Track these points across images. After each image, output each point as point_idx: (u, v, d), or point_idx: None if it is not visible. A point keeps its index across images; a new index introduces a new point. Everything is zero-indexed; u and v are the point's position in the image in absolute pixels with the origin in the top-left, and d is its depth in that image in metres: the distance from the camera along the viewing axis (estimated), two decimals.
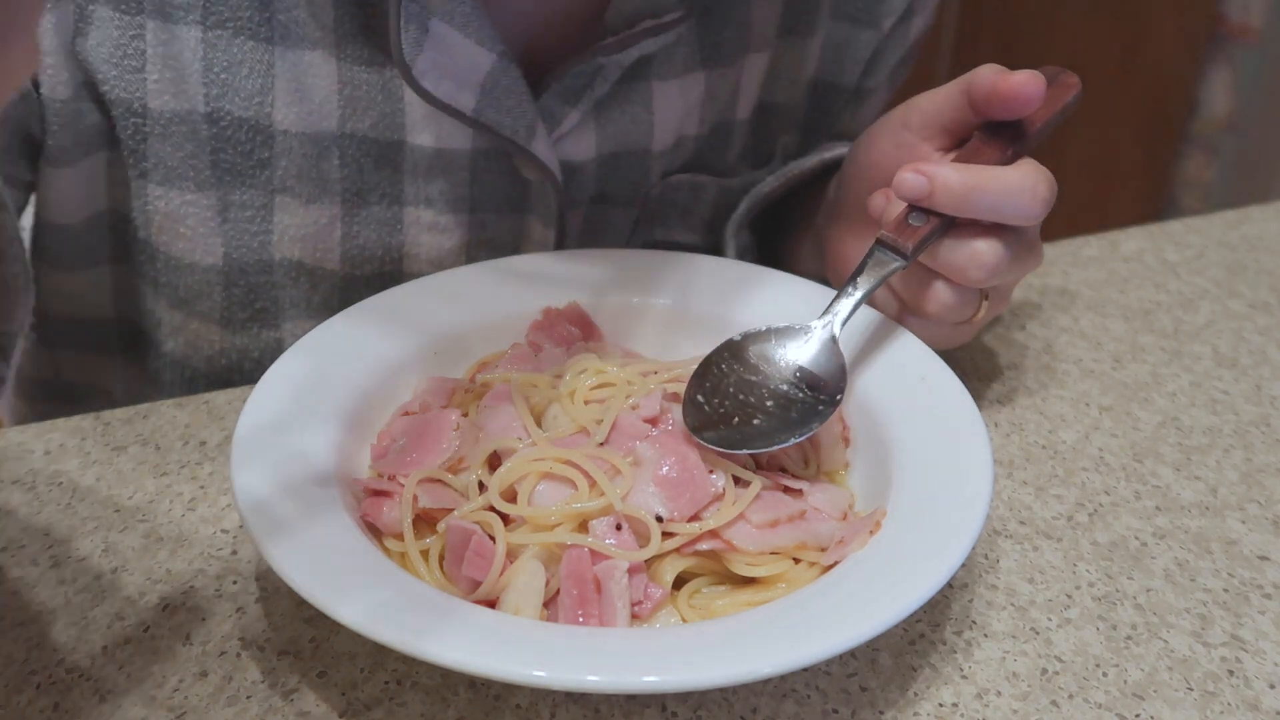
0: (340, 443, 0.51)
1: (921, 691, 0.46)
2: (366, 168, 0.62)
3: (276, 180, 0.61)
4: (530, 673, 0.38)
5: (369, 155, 0.61)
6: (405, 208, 0.63)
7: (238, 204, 0.61)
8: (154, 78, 0.58)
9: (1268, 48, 2.19)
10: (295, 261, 0.64)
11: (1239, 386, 0.67)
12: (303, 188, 0.61)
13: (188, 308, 0.66)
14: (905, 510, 0.47)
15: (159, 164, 0.60)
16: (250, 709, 0.44)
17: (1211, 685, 0.47)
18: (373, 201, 0.62)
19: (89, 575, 0.50)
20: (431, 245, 0.64)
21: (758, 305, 0.61)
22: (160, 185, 0.61)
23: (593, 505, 0.46)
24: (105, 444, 0.58)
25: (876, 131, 0.61)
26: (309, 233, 0.63)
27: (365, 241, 0.63)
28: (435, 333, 0.59)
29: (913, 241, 0.53)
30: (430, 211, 0.63)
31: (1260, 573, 0.53)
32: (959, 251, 0.53)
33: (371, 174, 0.62)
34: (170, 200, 0.61)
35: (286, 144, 0.60)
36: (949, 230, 0.54)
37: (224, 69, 0.59)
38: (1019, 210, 0.53)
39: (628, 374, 0.54)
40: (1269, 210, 0.90)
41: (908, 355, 0.56)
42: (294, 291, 0.65)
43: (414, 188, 0.62)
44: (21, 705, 0.44)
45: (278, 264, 0.64)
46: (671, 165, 0.68)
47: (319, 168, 0.61)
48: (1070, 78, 0.60)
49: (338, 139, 0.61)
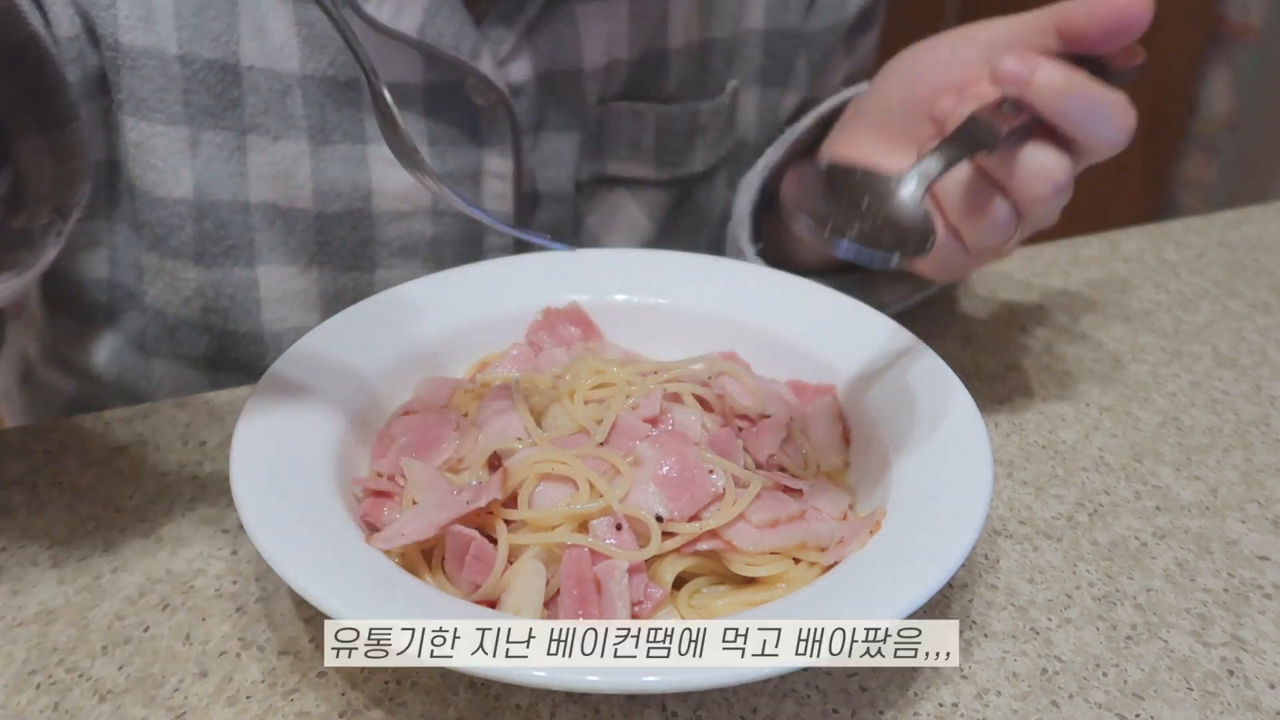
0: (340, 443, 0.51)
1: (921, 691, 0.46)
2: (328, 107, 0.64)
3: (247, 119, 0.63)
4: (530, 673, 0.38)
5: (329, 96, 0.64)
6: (369, 145, 0.65)
7: (209, 143, 0.64)
8: (125, 13, 0.61)
9: (1268, 48, 2.19)
10: (270, 204, 0.66)
11: (1239, 386, 0.67)
12: (271, 124, 0.64)
13: (163, 245, 0.67)
14: (905, 510, 0.47)
15: (131, 96, 0.62)
16: (250, 709, 0.44)
17: (1211, 685, 0.47)
18: (337, 139, 0.65)
19: (89, 575, 0.50)
20: (397, 180, 0.66)
21: (758, 305, 0.61)
22: (132, 116, 0.63)
23: (593, 506, 0.46)
24: (105, 444, 0.58)
25: (927, 45, 0.59)
26: (280, 170, 0.64)
27: (334, 178, 0.65)
28: (435, 333, 0.59)
29: (1007, 126, 0.50)
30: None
31: (1260, 573, 0.53)
32: (1032, 158, 0.51)
33: (334, 113, 0.64)
34: (141, 131, 0.63)
35: (253, 80, 0.62)
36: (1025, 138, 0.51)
37: (194, 12, 0.61)
38: (1108, 126, 0.51)
39: (628, 374, 0.54)
40: (1269, 210, 0.90)
41: (908, 355, 0.56)
42: (270, 235, 0.66)
43: (375, 125, 0.65)
44: (21, 705, 0.44)
45: (254, 207, 0.66)
46: (608, 90, 0.70)
47: (284, 104, 0.63)
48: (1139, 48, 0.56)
49: (300, 80, 0.63)
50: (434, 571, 0.47)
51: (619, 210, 0.74)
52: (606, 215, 0.73)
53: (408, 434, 0.52)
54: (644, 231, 0.75)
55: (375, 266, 0.68)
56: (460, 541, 0.45)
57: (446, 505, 0.46)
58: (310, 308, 0.69)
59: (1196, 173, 2.38)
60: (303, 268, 0.67)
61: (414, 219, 0.67)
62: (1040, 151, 0.51)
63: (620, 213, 0.74)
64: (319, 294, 0.68)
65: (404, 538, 0.45)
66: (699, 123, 0.74)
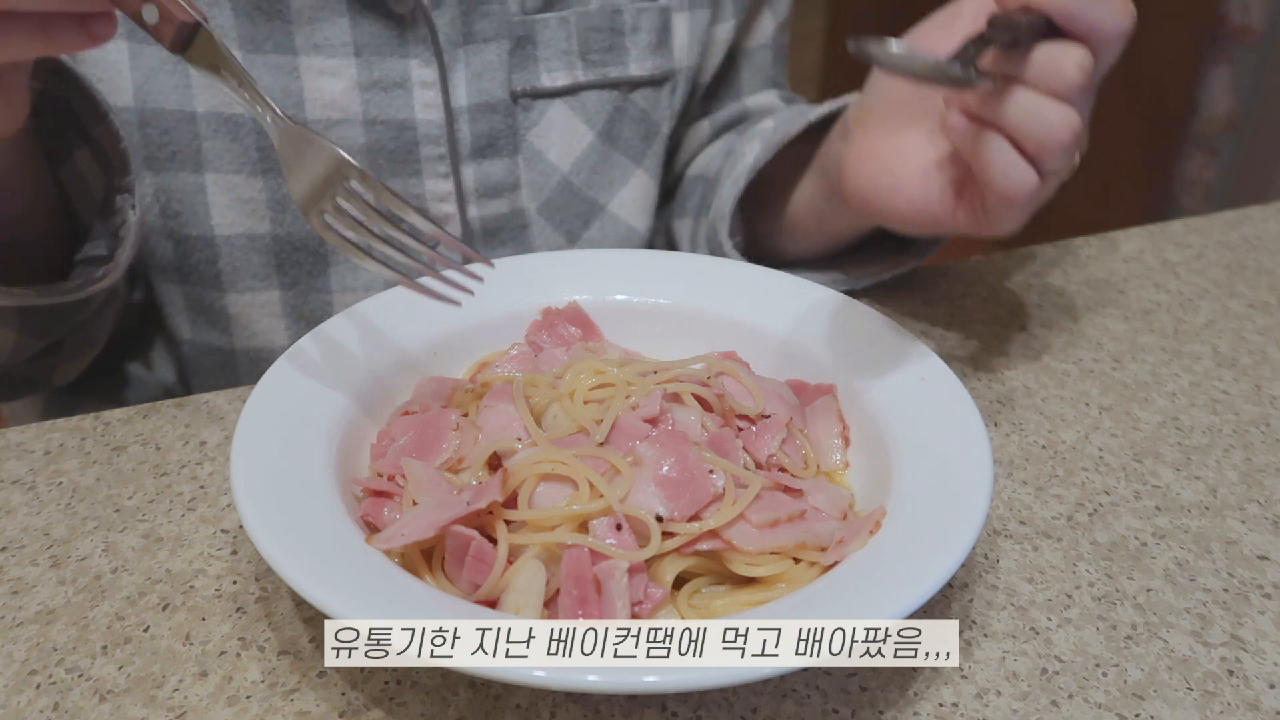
0: (340, 443, 0.51)
1: (921, 691, 0.46)
2: (257, 19, 0.67)
3: None
4: (530, 673, 0.38)
5: (258, 8, 0.67)
6: (299, 57, 0.68)
7: (151, 55, 0.67)
8: None
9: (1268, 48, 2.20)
10: (214, 112, 0.69)
11: (1239, 386, 0.67)
12: None
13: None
14: (905, 510, 0.47)
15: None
16: (250, 709, 0.44)
17: (1211, 685, 0.47)
18: (268, 50, 0.68)
19: (89, 575, 0.50)
20: (326, 89, 0.69)
21: (758, 305, 0.61)
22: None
23: (593, 506, 0.46)
24: (105, 444, 0.58)
25: (920, 28, 0.60)
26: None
27: (268, 84, 0.68)
28: (435, 333, 0.59)
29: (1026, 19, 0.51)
30: (320, 57, 0.68)
31: (1260, 573, 0.53)
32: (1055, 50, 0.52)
33: (263, 25, 0.67)
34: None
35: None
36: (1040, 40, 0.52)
37: None
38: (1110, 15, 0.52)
39: (627, 374, 0.54)
40: (1269, 210, 0.90)
41: (908, 355, 0.56)
42: (216, 142, 0.69)
43: (303, 36, 0.68)
44: (21, 705, 0.44)
45: (201, 116, 0.68)
46: (530, 2, 0.73)
47: (213, 15, 0.66)
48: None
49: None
50: (434, 571, 0.47)
51: (557, 122, 0.76)
52: (546, 129, 0.75)
53: (408, 434, 0.52)
54: (584, 140, 0.77)
55: None
56: (460, 542, 0.45)
57: (446, 505, 0.46)
58: (259, 216, 0.71)
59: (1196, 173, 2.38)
60: (248, 175, 0.70)
61: (346, 126, 0.70)
62: (1059, 46, 0.52)
63: (559, 124, 0.76)
64: (266, 201, 0.71)
65: (404, 538, 0.45)
66: (623, 22, 0.76)
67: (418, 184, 0.72)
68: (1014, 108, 0.53)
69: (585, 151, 0.77)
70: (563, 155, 0.76)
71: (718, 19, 0.81)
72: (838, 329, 0.59)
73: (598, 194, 0.78)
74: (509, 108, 0.73)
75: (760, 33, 0.84)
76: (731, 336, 0.60)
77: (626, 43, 0.76)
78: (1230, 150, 2.30)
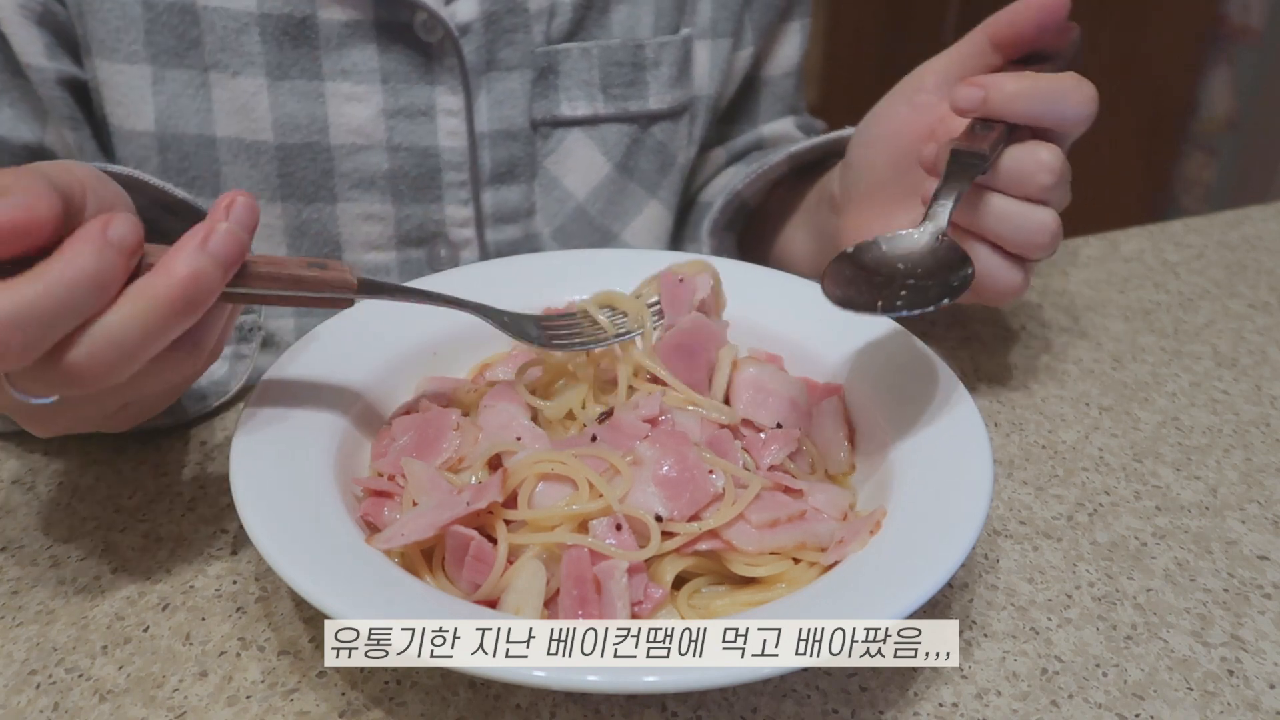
0: (340, 443, 0.51)
1: (921, 691, 0.46)
2: (285, 45, 0.67)
3: (207, 57, 0.66)
4: (530, 673, 0.38)
5: (286, 34, 0.67)
6: (325, 82, 0.68)
7: (173, 80, 0.66)
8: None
9: (1268, 48, 2.19)
10: (235, 138, 0.68)
11: (1239, 386, 0.67)
12: (230, 60, 0.66)
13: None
14: (905, 510, 0.47)
15: (93, 37, 0.64)
16: (250, 709, 0.44)
17: (1211, 685, 0.47)
18: (294, 75, 0.68)
19: (89, 575, 0.50)
20: (352, 114, 0.69)
21: (757, 305, 0.61)
22: (96, 56, 0.65)
23: (592, 506, 0.46)
24: (105, 444, 0.58)
25: (886, 105, 0.63)
26: (241, 104, 0.67)
27: (291, 111, 0.68)
28: (435, 333, 0.59)
29: (986, 143, 0.54)
30: (347, 83, 0.69)
31: (1260, 573, 0.53)
32: (1024, 158, 0.55)
33: (290, 51, 0.67)
34: (105, 69, 0.65)
35: (210, 20, 0.65)
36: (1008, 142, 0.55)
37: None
38: (1070, 107, 0.55)
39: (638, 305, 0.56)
40: (1269, 210, 0.90)
41: (908, 355, 0.56)
42: (235, 168, 0.69)
43: (330, 62, 0.68)
44: (21, 705, 0.44)
45: (220, 141, 0.68)
46: (553, 31, 0.73)
47: (240, 42, 0.66)
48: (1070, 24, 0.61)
49: (257, 19, 0.66)
50: (434, 571, 0.47)
51: (575, 151, 0.76)
52: (563, 156, 0.75)
53: (408, 434, 0.52)
54: (601, 171, 0.77)
55: (336, 199, 0.71)
56: (460, 542, 0.45)
57: (447, 505, 0.46)
58: (276, 242, 0.71)
59: (1196, 173, 2.38)
60: (267, 201, 0.70)
61: (370, 152, 0.70)
62: (1026, 150, 0.55)
63: (576, 153, 0.76)
64: (284, 228, 0.70)
65: (404, 538, 0.45)
66: (645, 57, 0.76)
67: (438, 210, 0.72)
68: (990, 218, 0.56)
69: (602, 182, 0.77)
70: (579, 183, 0.76)
71: (738, 46, 0.80)
72: (839, 330, 0.59)
73: (611, 223, 0.78)
74: (529, 135, 0.73)
75: (784, 59, 0.84)
76: (734, 336, 0.60)
77: (647, 77, 0.76)
78: (1230, 150, 2.30)
